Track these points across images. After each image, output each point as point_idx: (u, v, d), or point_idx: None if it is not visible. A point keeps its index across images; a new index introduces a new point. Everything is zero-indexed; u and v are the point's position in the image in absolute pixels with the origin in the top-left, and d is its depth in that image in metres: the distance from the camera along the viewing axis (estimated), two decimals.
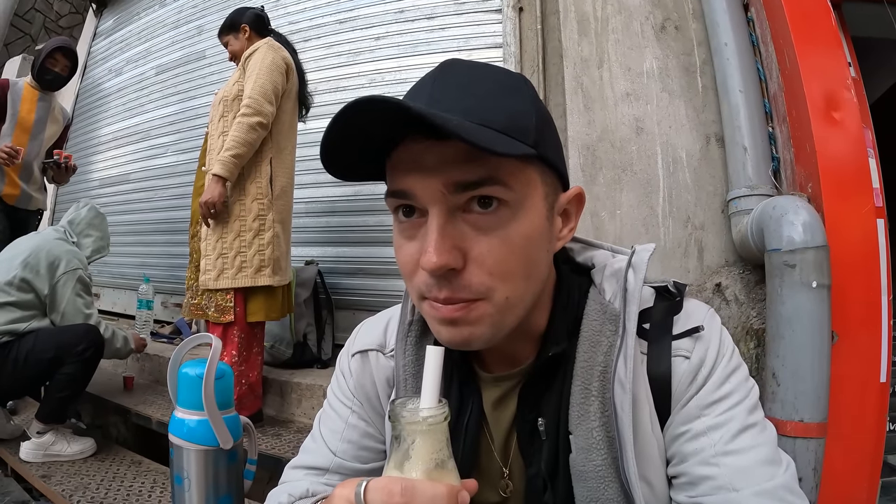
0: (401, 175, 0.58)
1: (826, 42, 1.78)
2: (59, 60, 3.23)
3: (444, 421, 0.49)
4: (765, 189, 1.87)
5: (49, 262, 2.29)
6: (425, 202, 0.56)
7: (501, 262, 0.57)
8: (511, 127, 0.56)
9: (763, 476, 0.58)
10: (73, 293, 2.31)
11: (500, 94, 0.59)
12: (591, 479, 0.62)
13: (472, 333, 0.59)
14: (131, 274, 4.20)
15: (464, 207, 0.56)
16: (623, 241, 2.03)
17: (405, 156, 0.57)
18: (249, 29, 2.54)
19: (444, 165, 0.55)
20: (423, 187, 0.56)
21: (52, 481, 1.99)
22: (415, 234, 0.59)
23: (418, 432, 0.48)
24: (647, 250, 0.68)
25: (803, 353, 1.52)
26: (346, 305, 3.04)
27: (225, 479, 0.80)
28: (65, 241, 2.44)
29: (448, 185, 0.55)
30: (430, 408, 0.49)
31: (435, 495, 0.44)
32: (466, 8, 3.02)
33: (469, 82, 0.59)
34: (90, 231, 2.57)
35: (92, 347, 2.24)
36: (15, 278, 2.22)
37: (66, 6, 6.00)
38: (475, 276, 0.56)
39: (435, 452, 0.48)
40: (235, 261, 2.27)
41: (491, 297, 0.57)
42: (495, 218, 0.56)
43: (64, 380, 2.18)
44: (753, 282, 1.93)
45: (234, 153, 2.21)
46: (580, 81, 2.21)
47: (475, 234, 0.56)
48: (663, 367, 0.65)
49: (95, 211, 2.64)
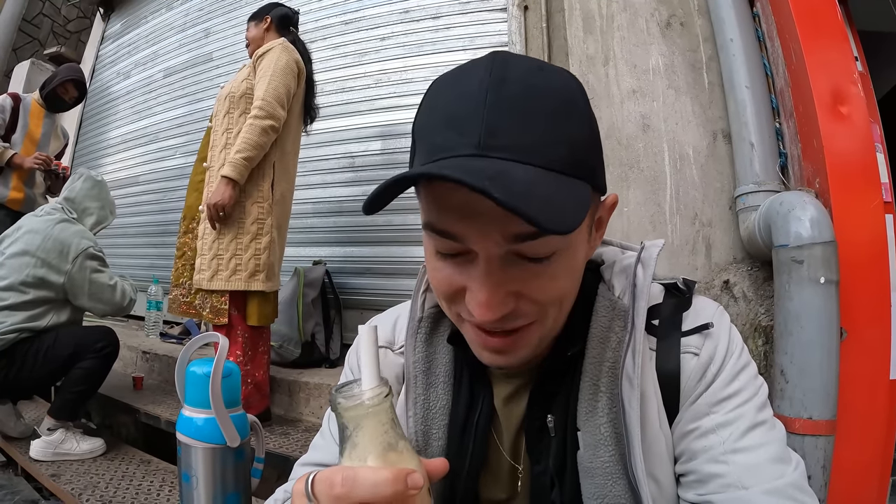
0: (448, 215, 0.54)
1: (832, 36, 1.77)
2: (69, 90, 3.52)
3: (385, 401, 0.46)
4: (772, 185, 1.86)
5: (59, 251, 2.30)
6: (475, 249, 0.54)
7: (554, 294, 0.57)
8: (569, 161, 0.53)
9: (772, 474, 0.58)
10: (91, 272, 2.35)
11: (560, 118, 0.54)
12: (599, 475, 0.62)
13: (517, 357, 0.60)
14: (140, 275, 4.21)
15: (517, 252, 0.54)
16: (630, 239, 2.00)
17: (455, 197, 0.52)
18: (271, 22, 2.53)
19: (502, 217, 0.49)
20: (478, 236, 0.53)
21: (61, 480, 2.00)
22: (457, 263, 0.57)
23: (360, 417, 0.45)
24: (657, 246, 0.68)
25: (812, 350, 1.51)
26: (354, 305, 3.05)
27: (232, 477, 0.81)
28: (67, 222, 2.43)
29: (506, 236, 0.52)
30: (368, 389, 0.46)
31: (377, 481, 0.41)
32: (471, 7, 3.02)
33: (526, 99, 0.52)
34: (88, 203, 2.56)
35: (110, 346, 2.27)
36: (28, 276, 2.24)
37: (74, 11, 6.04)
38: (527, 308, 0.56)
39: (381, 435, 0.45)
40: (230, 263, 2.25)
41: (542, 319, 0.58)
42: (548, 262, 0.55)
43: (80, 375, 2.21)
44: (761, 278, 1.91)
45: (245, 155, 2.19)
46: (586, 79, 2.20)
47: (526, 275, 0.55)
48: (672, 363, 0.64)
49: (92, 180, 2.61)
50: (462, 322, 0.61)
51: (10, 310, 2.20)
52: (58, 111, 3.60)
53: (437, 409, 0.70)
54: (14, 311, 2.20)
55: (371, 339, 0.50)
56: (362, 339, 0.50)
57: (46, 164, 3.33)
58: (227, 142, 2.31)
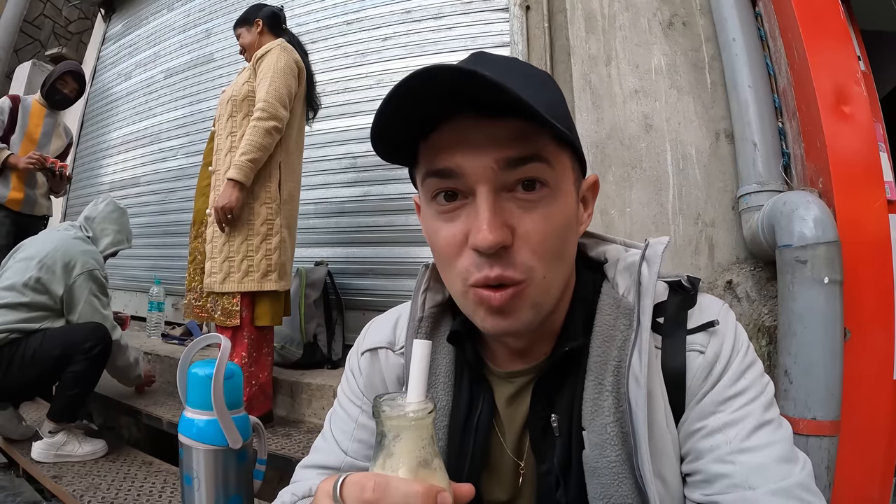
0: (446, 154, 0.58)
1: (835, 36, 1.76)
2: (68, 83, 3.52)
3: (428, 417, 0.47)
4: (775, 185, 1.85)
5: (65, 263, 2.29)
6: (473, 180, 0.57)
7: (544, 240, 0.58)
8: (550, 108, 0.55)
9: (779, 474, 0.57)
10: (89, 294, 2.32)
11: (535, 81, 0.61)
12: (605, 475, 0.61)
13: (518, 320, 0.60)
14: (142, 276, 4.22)
15: (509, 187, 0.58)
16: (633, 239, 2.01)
17: (450, 135, 0.58)
18: (263, 24, 2.53)
19: (493, 142, 0.56)
20: (472, 165, 0.57)
21: (63, 481, 2.00)
22: (456, 216, 0.60)
23: (401, 428, 0.46)
24: (661, 243, 0.68)
25: (815, 351, 1.51)
26: (356, 306, 3.05)
27: (234, 479, 0.80)
28: (81, 240, 2.44)
29: (499, 160, 0.56)
30: (413, 402, 0.47)
31: (408, 493, 0.41)
32: (473, 7, 3.02)
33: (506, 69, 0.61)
34: (107, 225, 2.56)
35: (99, 345, 2.24)
36: (30, 279, 2.23)
37: (75, 12, 6.05)
38: (522, 254, 0.58)
39: (418, 450, 0.46)
40: (242, 265, 2.26)
41: (532, 277, 0.58)
42: (539, 197, 0.58)
43: (72, 378, 2.19)
44: (765, 279, 1.91)
45: (250, 157, 2.19)
46: (588, 79, 2.20)
47: (521, 212, 0.58)
48: (678, 361, 0.64)
49: (114, 205, 2.64)
50: (466, 292, 0.61)
51: (7, 308, 2.19)
52: (60, 108, 3.59)
53: (438, 409, 0.70)
54: (10, 310, 2.19)
55: (424, 354, 0.50)
56: (416, 353, 0.50)
57: (41, 163, 3.30)
58: (232, 145, 2.32)
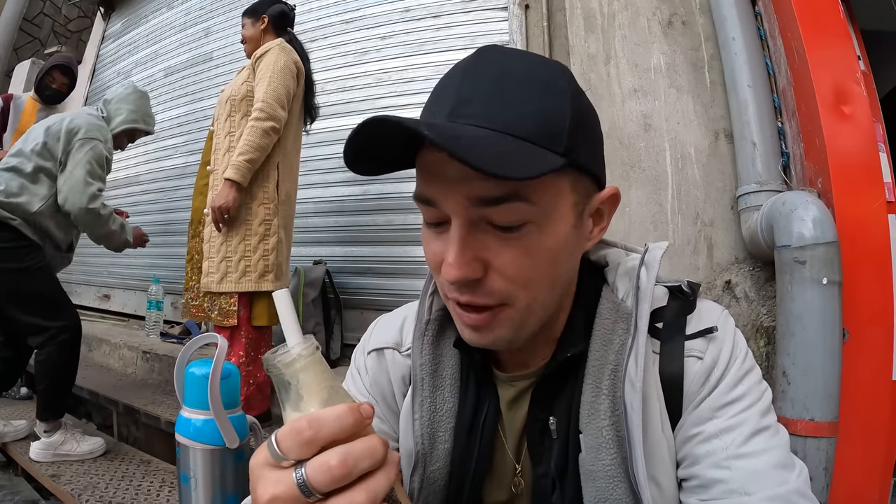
0: (426, 182, 0.58)
1: (835, 35, 1.76)
2: (56, 78, 3.44)
3: (316, 351, 0.49)
4: (774, 185, 1.85)
5: (69, 129, 2.32)
6: (447, 211, 0.56)
7: (524, 272, 0.56)
8: (540, 133, 0.54)
9: (776, 480, 0.57)
10: (83, 158, 2.32)
11: (534, 93, 0.56)
12: (600, 478, 0.62)
13: (495, 337, 0.60)
14: (141, 275, 4.21)
15: (487, 219, 0.55)
16: (631, 239, 2.00)
17: (430, 162, 0.57)
18: (268, 21, 2.52)
19: (464, 179, 0.54)
20: (444, 198, 0.56)
21: (61, 480, 2.00)
22: (439, 235, 0.60)
23: (299, 369, 0.48)
24: (660, 248, 0.68)
25: (814, 351, 1.51)
26: (355, 305, 3.04)
27: (232, 479, 0.80)
28: (93, 116, 2.46)
29: (470, 198, 0.54)
30: (297, 345, 0.49)
31: (338, 416, 0.43)
32: (472, 6, 3.02)
33: (502, 76, 0.56)
34: (121, 105, 2.57)
35: (65, 333, 2.23)
36: (37, 145, 2.29)
37: (75, 10, 6.05)
38: (496, 283, 0.57)
39: (322, 382, 0.48)
40: (239, 265, 2.26)
41: (513, 302, 0.58)
42: (519, 235, 0.56)
43: (40, 369, 2.18)
44: (763, 279, 1.91)
45: (247, 158, 2.19)
46: (587, 78, 2.20)
47: (497, 244, 0.56)
48: (675, 367, 0.64)
49: (133, 88, 2.66)
50: (449, 302, 0.62)
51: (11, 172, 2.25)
52: (53, 102, 3.54)
53: (444, 411, 0.70)
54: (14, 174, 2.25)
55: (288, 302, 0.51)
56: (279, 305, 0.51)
57: None
58: (230, 145, 2.32)
